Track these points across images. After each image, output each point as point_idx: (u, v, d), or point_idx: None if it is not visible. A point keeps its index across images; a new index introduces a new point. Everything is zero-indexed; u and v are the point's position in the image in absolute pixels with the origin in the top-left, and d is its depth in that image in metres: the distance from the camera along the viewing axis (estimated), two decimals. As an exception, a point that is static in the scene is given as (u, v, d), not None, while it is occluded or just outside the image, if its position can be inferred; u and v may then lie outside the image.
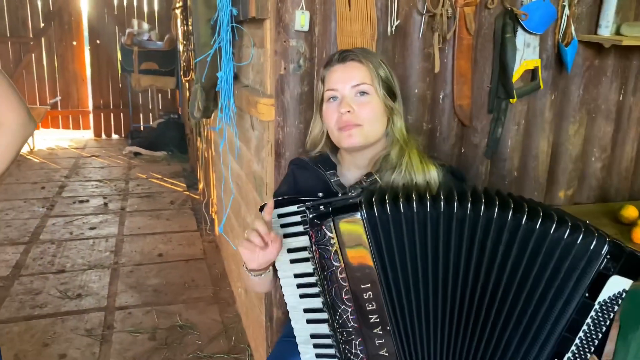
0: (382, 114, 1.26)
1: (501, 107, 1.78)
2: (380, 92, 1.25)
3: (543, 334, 1.06)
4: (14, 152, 1.29)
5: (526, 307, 1.06)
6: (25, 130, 1.28)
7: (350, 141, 1.24)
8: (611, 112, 1.95)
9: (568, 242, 1.03)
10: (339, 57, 1.28)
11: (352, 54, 1.27)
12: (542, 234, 1.04)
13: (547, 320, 1.05)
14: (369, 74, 1.24)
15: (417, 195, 1.08)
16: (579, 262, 1.03)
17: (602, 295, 1.02)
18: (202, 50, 2.10)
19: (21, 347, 2.42)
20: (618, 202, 1.99)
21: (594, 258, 1.02)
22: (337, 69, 1.26)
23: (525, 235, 1.04)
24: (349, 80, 1.24)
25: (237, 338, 2.51)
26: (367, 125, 1.24)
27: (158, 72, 5.99)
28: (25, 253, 3.39)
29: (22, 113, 1.27)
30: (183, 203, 4.43)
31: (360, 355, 1.12)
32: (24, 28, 6.48)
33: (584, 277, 1.03)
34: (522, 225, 1.04)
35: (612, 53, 1.87)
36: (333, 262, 1.09)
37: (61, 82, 6.74)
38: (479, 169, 1.85)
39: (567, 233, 1.03)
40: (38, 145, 6.23)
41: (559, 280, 1.04)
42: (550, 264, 1.04)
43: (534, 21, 1.71)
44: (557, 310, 1.05)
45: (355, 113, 1.23)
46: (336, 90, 1.25)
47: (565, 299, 1.04)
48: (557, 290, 1.04)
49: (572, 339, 1.05)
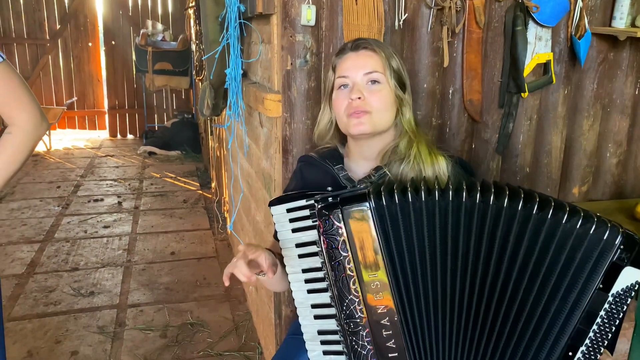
0: (391, 103, 1.26)
1: (512, 102, 1.75)
2: (392, 82, 1.25)
3: (557, 326, 1.03)
4: (26, 152, 1.30)
5: (539, 298, 1.03)
6: (38, 130, 1.29)
7: (359, 128, 1.23)
8: (626, 106, 1.91)
9: (580, 233, 1.01)
10: (352, 45, 1.28)
11: (366, 42, 1.27)
12: (554, 224, 1.01)
13: (561, 312, 1.03)
14: (381, 63, 1.24)
15: (425, 186, 1.06)
16: (592, 252, 1.01)
17: (615, 287, 1.00)
18: (211, 47, 2.09)
19: (34, 344, 2.44)
20: (634, 199, 1.94)
21: (607, 248, 1.00)
22: (350, 56, 1.27)
23: (537, 226, 1.02)
24: (361, 67, 1.24)
25: (248, 336, 2.51)
26: (376, 113, 1.23)
27: (172, 72, 6.04)
28: (40, 251, 3.43)
29: (35, 113, 1.27)
30: (196, 202, 4.44)
31: (368, 347, 1.10)
32: (41, 30, 6.57)
33: (597, 267, 1.01)
34: (534, 215, 1.02)
35: (627, 46, 1.83)
36: (341, 251, 1.08)
37: (77, 82, 6.82)
38: (489, 165, 1.82)
39: (579, 223, 1.00)
40: (55, 146, 6.31)
41: (572, 271, 1.02)
42: (563, 255, 1.01)
43: (546, 13, 1.67)
44: (571, 301, 1.02)
45: (366, 100, 1.23)
46: (347, 77, 1.25)
47: (579, 290, 1.02)
48: (571, 281, 1.02)
49: (587, 332, 1.02)
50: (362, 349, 1.11)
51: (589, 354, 1.03)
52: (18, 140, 1.27)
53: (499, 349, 1.07)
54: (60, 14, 6.59)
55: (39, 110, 1.28)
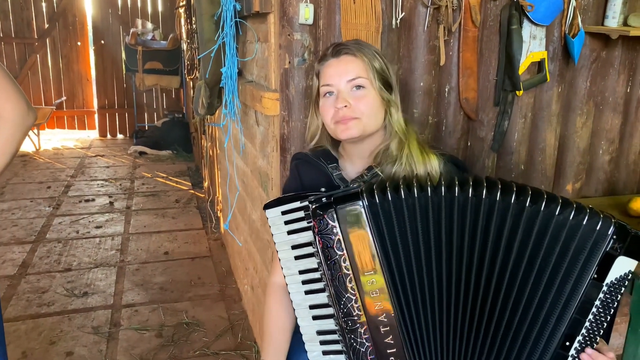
0: (378, 106, 1.25)
1: (507, 100, 1.77)
2: (376, 84, 1.23)
3: (554, 317, 1.05)
4: (15, 144, 1.26)
5: (535, 289, 1.05)
6: (26, 120, 1.26)
7: (348, 133, 1.24)
8: (619, 104, 1.94)
9: (574, 224, 1.02)
10: (332, 51, 1.26)
11: (346, 47, 1.25)
12: (547, 216, 1.03)
13: (557, 303, 1.05)
14: (363, 67, 1.22)
15: (417, 183, 1.08)
16: (585, 243, 1.02)
17: (609, 276, 1.02)
18: (206, 46, 2.09)
19: (28, 345, 2.42)
20: (626, 195, 1.97)
21: (600, 239, 1.02)
22: (332, 63, 1.25)
23: (530, 218, 1.04)
24: (344, 74, 1.23)
25: (244, 335, 2.51)
26: (365, 119, 1.23)
27: (162, 71, 6.01)
28: (32, 252, 3.40)
29: (21, 103, 1.24)
30: (188, 201, 4.43)
31: (366, 344, 1.11)
32: (29, 29, 6.50)
33: (591, 258, 1.03)
34: (527, 208, 1.03)
35: (619, 44, 1.86)
36: (336, 250, 1.09)
37: (66, 82, 6.76)
38: (485, 162, 1.84)
39: (572, 214, 1.02)
40: (44, 146, 6.25)
41: (566, 262, 1.03)
42: (557, 246, 1.03)
43: (540, 12, 1.69)
44: (567, 292, 1.04)
45: (352, 107, 1.22)
46: (332, 85, 1.24)
47: (574, 281, 1.04)
48: (566, 271, 1.04)
49: (583, 321, 1.04)
50: (360, 346, 1.12)
51: (586, 344, 1.05)
52: (6, 132, 1.23)
53: (497, 339, 1.09)
54: (49, 13, 6.53)
55: (24, 100, 1.25)
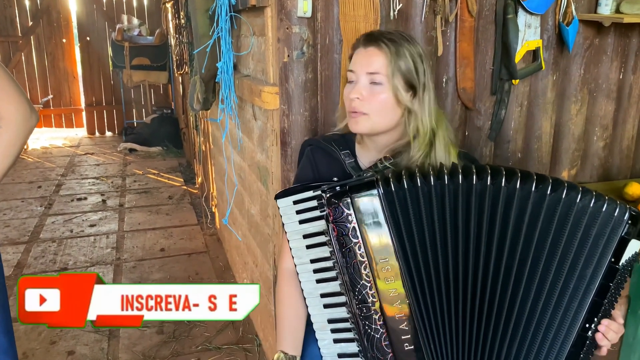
0: (392, 107, 1.22)
1: (504, 89, 1.79)
2: (395, 85, 1.20)
3: (576, 301, 1.07)
4: (18, 146, 1.26)
5: (557, 276, 1.07)
6: (28, 122, 1.25)
7: (356, 127, 1.24)
8: (612, 91, 1.96)
9: (593, 211, 1.06)
10: (364, 39, 1.25)
11: (376, 39, 1.22)
12: (568, 203, 1.06)
13: (579, 287, 1.07)
14: (385, 64, 1.19)
15: (433, 171, 1.08)
16: (604, 228, 1.06)
17: (623, 259, 1.06)
18: (201, 41, 2.08)
19: (29, 345, 2.41)
20: (621, 180, 2.00)
21: (618, 224, 1.06)
22: (359, 52, 1.24)
23: (551, 206, 1.06)
24: (366, 66, 1.22)
25: (245, 329, 2.52)
26: (373, 116, 1.22)
27: (150, 67, 5.96)
28: (26, 252, 3.37)
29: (24, 105, 1.24)
30: (181, 197, 4.41)
31: (381, 330, 1.11)
32: (12, 27, 6.40)
33: (609, 243, 1.06)
34: (548, 196, 1.05)
35: (612, 31, 1.88)
36: (352, 238, 1.10)
37: (52, 80, 6.67)
38: (483, 151, 1.85)
39: (592, 201, 1.05)
40: (32, 145, 6.17)
41: (587, 248, 1.06)
42: (578, 233, 1.06)
43: (535, 1, 1.71)
44: (588, 276, 1.07)
45: (364, 102, 1.21)
46: (354, 72, 1.24)
47: (594, 266, 1.06)
48: (587, 257, 1.06)
49: (602, 303, 1.07)
50: (375, 332, 1.13)
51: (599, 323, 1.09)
52: (9, 134, 1.23)
53: (519, 330, 1.09)
54: (32, 10, 6.43)
55: (27, 102, 1.25)
